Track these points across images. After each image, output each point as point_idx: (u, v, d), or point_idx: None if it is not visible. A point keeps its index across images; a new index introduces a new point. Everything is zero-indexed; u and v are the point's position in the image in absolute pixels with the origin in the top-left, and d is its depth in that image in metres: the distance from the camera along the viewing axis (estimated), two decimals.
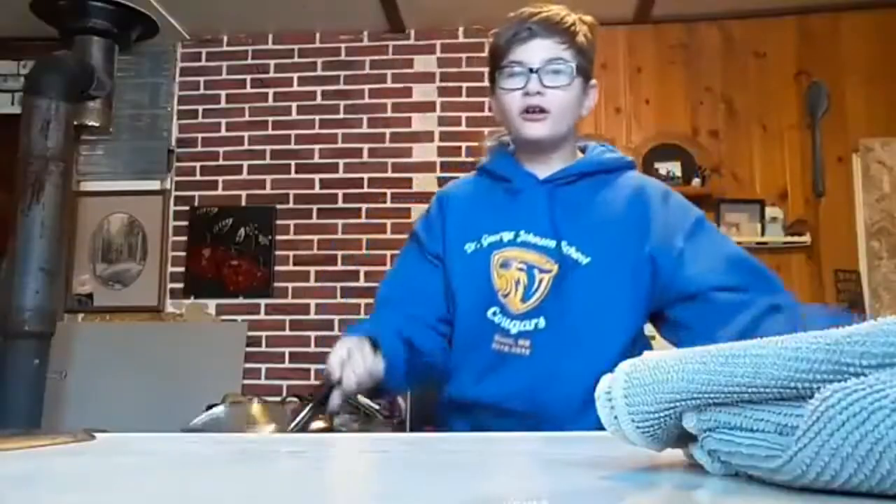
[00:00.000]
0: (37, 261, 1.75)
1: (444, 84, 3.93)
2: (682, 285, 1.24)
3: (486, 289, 1.28)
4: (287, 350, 3.79)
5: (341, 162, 3.93)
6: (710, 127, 3.79)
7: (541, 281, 1.26)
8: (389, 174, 3.88)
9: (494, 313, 1.27)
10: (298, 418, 1.12)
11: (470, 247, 1.31)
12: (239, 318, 3.84)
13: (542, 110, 1.27)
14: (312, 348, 3.77)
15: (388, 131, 3.92)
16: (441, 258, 1.35)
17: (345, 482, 0.52)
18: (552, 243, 1.27)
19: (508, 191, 1.34)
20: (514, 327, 1.26)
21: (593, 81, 1.35)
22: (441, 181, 3.71)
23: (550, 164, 1.33)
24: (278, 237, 3.89)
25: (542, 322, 1.24)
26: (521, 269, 1.27)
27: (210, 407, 3.30)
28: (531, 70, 1.26)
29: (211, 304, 3.87)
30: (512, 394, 1.24)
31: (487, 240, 1.30)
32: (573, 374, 1.21)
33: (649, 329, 1.35)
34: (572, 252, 1.26)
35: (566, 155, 1.35)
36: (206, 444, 0.81)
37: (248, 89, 4.03)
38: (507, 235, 1.29)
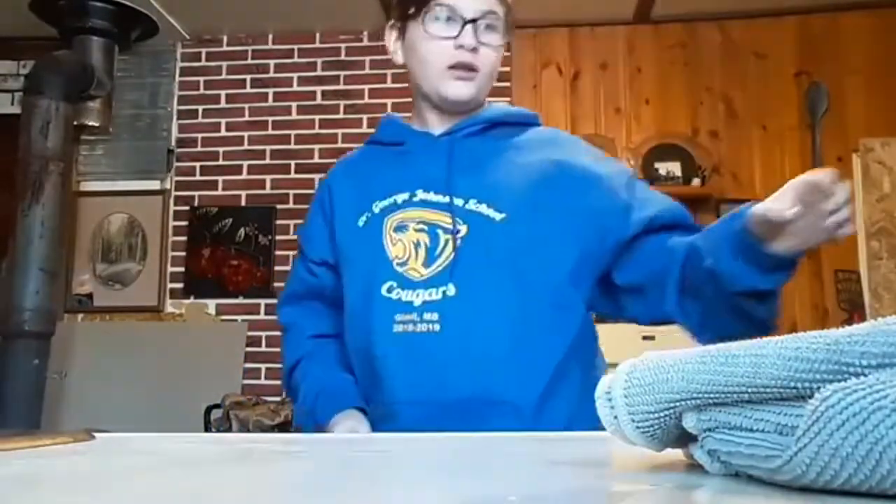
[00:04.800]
0: (37, 261, 1.75)
1: None
2: (632, 231, 1.08)
3: (379, 261, 1.08)
4: None
5: None
6: (710, 127, 3.79)
7: (446, 241, 1.06)
8: None
9: (390, 289, 1.06)
10: None
11: (362, 220, 1.13)
12: (239, 318, 3.84)
13: (472, 69, 1.10)
14: None
15: None
16: (326, 262, 1.19)
17: (344, 482, 0.52)
18: (457, 200, 1.08)
19: (400, 153, 1.17)
20: (418, 297, 1.04)
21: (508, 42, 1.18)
22: None
23: (452, 122, 1.16)
24: (278, 237, 3.89)
25: (451, 289, 1.03)
26: (420, 230, 1.08)
27: (210, 407, 3.31)
28: (465, 20, 1.08)
29: (211, 304, 3.87)
30: (422, 382, 1.02)
31: (379, 206, 1.12)
32: (500, 352, 1.01)
33: (650, 329, 1.31)
34: (483, 209, 1.07)
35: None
36: (206, 444, 0.81)
37: (248, 89, 4.03)
38: (401, 196, 1.11)
